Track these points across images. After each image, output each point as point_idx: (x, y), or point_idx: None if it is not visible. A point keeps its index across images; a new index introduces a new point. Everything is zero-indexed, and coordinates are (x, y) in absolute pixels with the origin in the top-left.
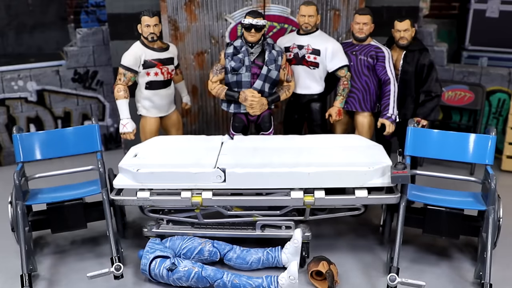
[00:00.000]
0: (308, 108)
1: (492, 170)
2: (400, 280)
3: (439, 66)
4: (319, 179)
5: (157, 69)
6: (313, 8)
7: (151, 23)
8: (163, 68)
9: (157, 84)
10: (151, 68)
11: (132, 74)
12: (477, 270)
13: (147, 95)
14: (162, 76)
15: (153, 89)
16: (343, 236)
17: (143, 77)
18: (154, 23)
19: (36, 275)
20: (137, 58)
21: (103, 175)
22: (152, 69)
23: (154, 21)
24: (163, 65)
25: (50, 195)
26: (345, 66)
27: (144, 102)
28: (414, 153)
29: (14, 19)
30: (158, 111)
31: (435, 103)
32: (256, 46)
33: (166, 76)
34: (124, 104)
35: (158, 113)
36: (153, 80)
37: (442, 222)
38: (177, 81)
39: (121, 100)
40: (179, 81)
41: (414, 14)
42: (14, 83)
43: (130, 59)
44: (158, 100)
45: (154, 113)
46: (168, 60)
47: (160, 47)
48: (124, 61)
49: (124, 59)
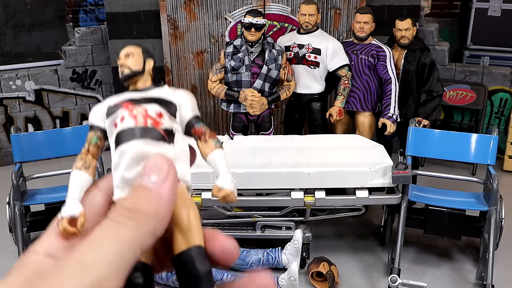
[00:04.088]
0: (308, 108)
1: (494, 170)
2: (401, 281)
3: (440, 66)
4: (320, 179)
5: (124, 109)
6: (313, 7)
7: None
8: (135, 108)
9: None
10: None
11: (94, 132)
12: (479, 271)
13: (115, 160)
14: (131, 121)
15: (119, 144)
16: (344, 237)
17: (111, 135)
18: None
19: None
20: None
21: (101, 175)
22: (117, 113)
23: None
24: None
25: (48, 195)
26: (346, 66)
27: (113, 173)
28: (415, 153)
29: (12, 18)
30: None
31: (436, 102)
32: (256, 45)
33: (142, 120)
34: (73, 177)
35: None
36: (119, 132)
37: (444, 223)
38: (206, 152)
39: (72, 172)
40: (210, 151)
41: (416, 13)
42: (12, 82)
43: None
44: (127, 165)
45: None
46: (151, 100)
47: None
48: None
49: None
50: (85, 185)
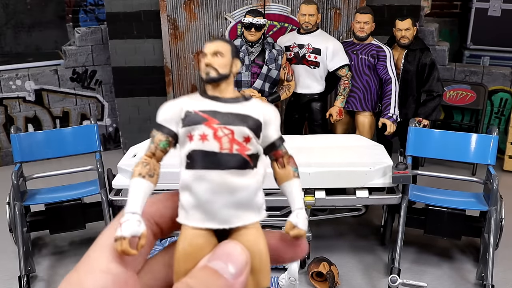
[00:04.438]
0: (308, 108)
1: (494, 170)
2: (401, 281)
3: (440, 66)
4: (320, 179)
5: (208, 128)
6: (313, 7)
7: (208, 51)
8: (220, 128)
9: (203, 157)
10: (195, 126)
11: (164, 136)
12: (479, 271)
13: (187, 180)
14: (215, 144)
15: (197, 167)
16: (344, 237)
17: (183, 144)
18: (214, 50)
19: (34, 276)
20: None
21: (102, 175)
22: (197, 127)
23: (215, 47)
24: (221, 123)
25: (49, 195)
26: (346, 66)
27: (182, 195)
28: (415, 153)
29: (12, 18)
30: (204, 216)
31: (436, 102)
32: (256, 45)
33: (228, 145)
34: (136, 186)
35: (203, 221)
36: (196, 150)
37: (444, 223)
38: (282, 178)
39: (133, 179)
40: (287, 179)
41: (416, 13)
42: (12, 82)
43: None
44: (205, 194)
45: (196, 219)
46: (237, 119)
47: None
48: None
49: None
50: (147, 195)
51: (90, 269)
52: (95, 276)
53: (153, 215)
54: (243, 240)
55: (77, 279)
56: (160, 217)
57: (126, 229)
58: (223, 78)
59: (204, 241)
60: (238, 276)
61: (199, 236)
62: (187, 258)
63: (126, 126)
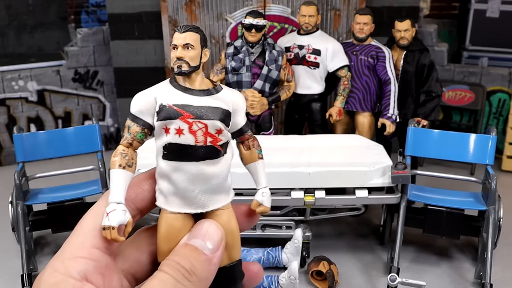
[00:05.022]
0: (308, 108)
1: (492, 170)
2: (400, 280)
3: (439, 66)
4: (320, 179)
5: (183, 122)
6: (313, 8)
7: (178, 43)
8: (195, 123)
9: (180, 150)
10: (170, 120)
11: (140, 127)
12: (478, 270)
13: (165, 170)
14: (191, 137)
15: (174, 159)
16: (344, 236)
17: (159, 136)
18: (184, 42)
19: (36, 275)
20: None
21: (103, 175)
22: (173, 121)
23: (183, 39)
24: (195, 118)
25: (51, 195)
26: (346, 66)
27: (160, 182)
28: (414, 153)
29: (15, 19)
30: (182, 202)
31: (435, 103)
32: (256, 46)
33: (202, 138)
34: (118, 176)
35: (183, 207)
36: (173, 143)
37: (443, 222)
38: (248, 159)
39: (113, 170)
40: (253, 160)
41: (415, 14)
42: (15, 83)
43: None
44: (182, 183)
45: (175, 205)
46: (209, 111)
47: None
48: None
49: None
50: (128, 184)
51: (73, 254)
52: (78, 261)
53: (134, 200)
54: (217, 220)
55: (61, 265)
56: (142, 201)
57: (114, 218)
58: (194, 70)
59: (183, 223)
60: (216, 250)
61: (178, 220)
62: (169, 239)
63: None
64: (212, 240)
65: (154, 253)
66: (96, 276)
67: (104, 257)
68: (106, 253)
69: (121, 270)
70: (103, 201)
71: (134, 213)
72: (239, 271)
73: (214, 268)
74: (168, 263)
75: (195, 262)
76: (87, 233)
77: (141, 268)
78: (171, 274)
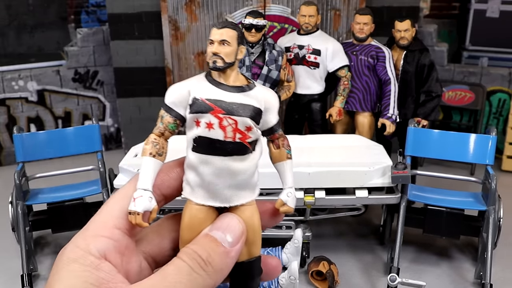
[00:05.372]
0: (308, 108)
1: (492, 170)
2: (400, 280)
3: (439, 66)
4: (320, 179)
5: (214, 117)
6: (313, 8)
7: (215, 39)
8: (225, 118)
9: (208, 144)
10: (201, 114)
11: (173, 118)
12: (478, 270)
13: (193, 162)
14: (220, 132)
15: (202, 152)
16: (344, 236)
17: (190, 128)
18: (220, 38)
19: (36, 275)
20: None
21: (103, 175)
22: (204, 115)
23: (220, 36)
24: (226, 113)
25: (51, 195)
26: (346, 66)
27: (188, 173)
28: (414, 153)
29: (15, 19)
30: (208, 194)
31: (435, 103)
32: (256, 46)
33: (231, 134)
34: (148, 164)
35: (207, 199)
36: (203, 136)
37: (443, 222)
38: (277, 158)
39: (144, 157)
40: (281, 159)
41: (415, 14)
42: (15, 83)
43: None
44: (209, 176)
45: (200, 197)
46: (240, 108)
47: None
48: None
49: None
50: (157, 173)
51: (95, 233)
52: (99, 240)
53: (160, 186)
54: (240, 215)
55: (83, 241)
56: (168, 188)
57: (140, 204)
58: (229, 66)
59: (206, 215)
60: (235, 244)
61: (202, 211)
62: (191, 229)
63: (127, 126)
64: (232, 233)
65: (176, 240)
66: (115, 255)
67: (124, 237)
68: (127, 234)
69: (143, 252)
70: (131, 184)
71: (159, 199)
72: (258, 267)
73: (231, 262)
74: (186, 251)
75: (213, 253)
76: (111, 213)
77: (162, 253)
78: (187, 262)
